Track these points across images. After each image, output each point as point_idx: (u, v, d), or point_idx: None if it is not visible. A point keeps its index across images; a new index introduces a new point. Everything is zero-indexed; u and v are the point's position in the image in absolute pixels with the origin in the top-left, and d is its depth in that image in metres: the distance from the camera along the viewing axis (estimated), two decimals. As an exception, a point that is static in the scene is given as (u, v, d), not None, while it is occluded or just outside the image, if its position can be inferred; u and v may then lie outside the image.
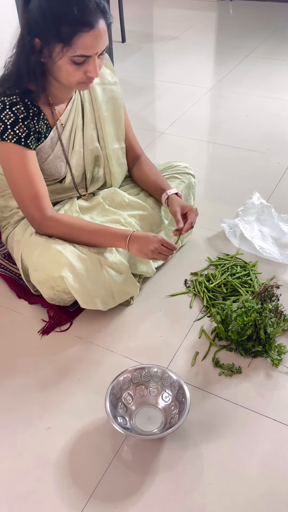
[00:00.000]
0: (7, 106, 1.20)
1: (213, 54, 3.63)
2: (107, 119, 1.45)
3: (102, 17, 1.13)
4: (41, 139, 1.31)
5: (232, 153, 2.33)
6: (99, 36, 1.14)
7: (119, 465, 1.07)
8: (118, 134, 1.51)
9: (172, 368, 1.26)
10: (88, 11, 1.10)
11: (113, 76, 1.47)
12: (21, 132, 1.22)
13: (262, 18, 4.39)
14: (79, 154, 1.43)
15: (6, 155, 1.24)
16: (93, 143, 1.45)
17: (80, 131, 1.41)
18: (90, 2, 1.10)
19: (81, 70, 1.18)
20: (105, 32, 1.15)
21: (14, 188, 1.28)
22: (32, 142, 1.25)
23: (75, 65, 1.17)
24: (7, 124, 1.20)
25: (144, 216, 1.51)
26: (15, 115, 1.21)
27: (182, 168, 1.66)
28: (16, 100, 1.21)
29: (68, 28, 1.10)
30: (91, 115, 1.43)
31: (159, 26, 4.37)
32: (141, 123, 2.59)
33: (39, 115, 1.27)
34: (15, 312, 1.45)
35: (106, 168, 1.52)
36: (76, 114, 1.39)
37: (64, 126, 1.37)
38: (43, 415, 1.17)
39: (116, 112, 1.48)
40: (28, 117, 1.23)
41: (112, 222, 1.43)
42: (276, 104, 2.79)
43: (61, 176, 1.43)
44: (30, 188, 1.26)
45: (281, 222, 1.72)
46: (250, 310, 1.29)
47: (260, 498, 1.01)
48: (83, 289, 1.30)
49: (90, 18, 1.11)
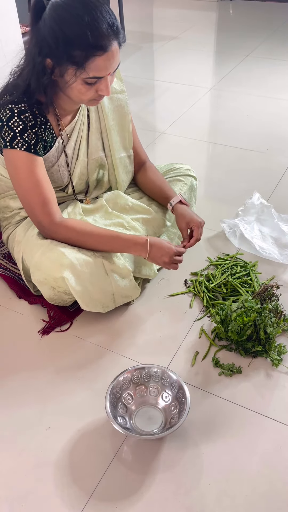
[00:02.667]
0: (15, 114, 1.19)
1: (213, 54, 3.63)
2: (114, 128, 1.45)
3: (115, 39, 1.12)
4: (46, 148, 1.31)
5: (232, 153, 2.33)
6: (112, 58, 1.13)
7: (119, 465, 1.07)
8: (125, 142, 1.50)
9: (172, 368, 1.26)
10: (101, 34, 1.09)
11: (120, 85, 1.46)
12: (30, 140, 1.22)
13: (262, 18, 4.39)
14: (83, 163, 1.42)
15: (15, 162, 1.23)
16: (98, 153, 1.44)
17: (85, 141, 1.40)
18: (103, 25, 1.09)
19: (93, 89, 1.18)
20: (117, 52, 1.14)
21: (23, 194, 1.27)
22: (40, 148, 1.25)
23: (87, 85, 1.16)
24: (16, 132, 1.20)
25: (148, 220, 1.51)
26: (23, 123, 1.20)
27: (184, 170, 1.66)
28: (24, 108, 1.20)
29: (81, 52, 1.09)
30: (97, 124, 1.42)
31: (159, 26, 4.37)
32: (141, 123, 2.59)
33: (46, 124, 1.27)
34: (15, 312, 1.45)
35: (111, 176, 1.52)
36: (82, 124, 1.38)
37: (69, 137, 1.36)
38: (43, 415, 1.17)
39: (123, 121, 1.47)
40: (36, 125, 1.23)
41: (116, 226, 1.43)
42: (276, 104, 2.79)
43: (63, 184, 1.43)
44: (39, 195, 1.25)
45: (281, 222, 1.72)
46: (250, 310, 1.29)
47: (260, 498, 1.01)
48: (84, 291, 1.30)
49: (104, 42, 1.09)
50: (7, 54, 2.26)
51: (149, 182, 1.56)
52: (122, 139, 1.49)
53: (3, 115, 1.20)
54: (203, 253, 1.67)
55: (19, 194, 1.28)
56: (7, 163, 1.25)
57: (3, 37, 2.29)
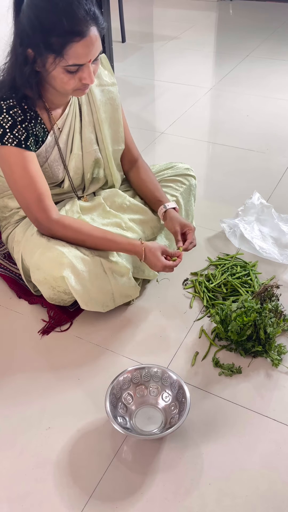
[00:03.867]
0: (4, 109, 1.19)
1: (213, 54, 3.63)
2: (105, 121, 1.44)
3: (93, 24, 1.11)
4: (38, 143, 1.30)
5: (232, 153, 2.33)
6: (91, 44, 1.12)
7: (119, 465, 1.07)
8: (118, 136, 1.50)
9: (172, 368, 1.26)
10: (78, 20, 1.08)
11: (110, 77, 1.45)
12: (20, 135, 1.21)
13: (262, 18, 4.39)
14: (78, 157, 1.42)
15: (7, 158, 1.23)
16: (92, 146, 1.44)
17: (78, 134, 1.40)
18: (79, 11, 1.08)
19: (76, 77, 1.17)
20: (97, 39, 1.13)
21: (17, 191, 1.27)
22: (31, 143, 1.25)
23: (69, 74, 1.15)
24: (6, 127, 1.19)
25: (145, 220, 1.51)
26: (12, 118, 1.20)
27: (183, 170, 1.65)
28: (13, 103, 1.20)
29: (58, 39, 1.09)
30: (89, 117, 1.42)
31: (159, 26, 4.37)
32: (141, 123, 2.59)
33: (36, 119, 1.27)
34: (15, 312, 1.45)
35: (106, 169, 1.51)
36: (74, 118, 1.38)
37: (61, 130, 1.36)
38: (43, 415, 1.17)
39: (115, 113, 1.47)
40: (25, 120, 1.23)
41: (113, 225, 1.43)
42: (276, 104, 2.79)
43: (58, 180, 1.42)
44: (34, 191, 1.25)
45: (281, 222, 1.72)
46: (249, 310, 1.29)
47: (260, 498, 1.01)
48: (84, 291, 1.30)
49: (81, 27, 1.09)
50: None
51: (141, 182, 1.55)
52: (114, 132, 1.48)
53: None
54: (203, 253, 1.67)
55: (14, 191, 1.28)
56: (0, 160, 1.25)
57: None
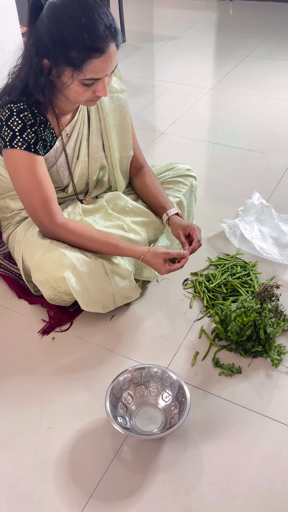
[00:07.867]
0: (14, 113, 1.19)
1: (213, 54, 3.63)
2: (113, 128, 1.44)
3: (112, 40, 1.11)
4: (46, 147, 1.30)
5: (232, 153, 2.33)
6: (109, 60, 1.12)
7: (119, 465, 1.07)
8: (125, 142, 1.49)
9: (172, 368, 1.26)
10: (99, 37, 1.08)
11: (120, 84, 1.45)
12: (29, 139, 1.21)
13: (262, 18, 4.39)
14: (84, 164, 1.42)
15: (15, 162, 1.23)
16: (98, 153, 1.44)
17: (86, 141, 1.40)
18: (100, 26, 1.08)
19: (90, 90, 1.17)
20: (115, 54, 1.14)
21: (24, 195, 1.27)
22: (40, 148, 1.25)
23: (84, 86, 1.16)
24: (16, 131, 1.19)
25: (147, 222, 1.51)
26: (23, 122, 1.20)
27: (184, 170, 1.65)
28: (23, 107, 1.20)
29: (78, 54, 1.09)
30: (97, 124, 1.41)
31: (159, 26, 4.37)
32: (141, 123, 2.59)
33: (46, 123, 1.27)
34: (15, 312, 1.45)
35: (111, 176, 1.51)
36: (82, 124, 1.38)
37: (69, 137, 1.36)
38: (43, 415, 1.17)
39: (123, 120, 1.47)
40: (35, 124, 1.22)
41: (116, 228, 1.43)
42: (276, 104, 2.79)
43: (63, 185, 1.42)
44: (40, 195, 1.25)
45: (281, 222, 1.72)
46: (249, 310, 1.29)
47: (260, 498, 1.01)
48: (85, 292, 1.30)
49: (101, 44, 1.09)
50: (7, 54, 2.26)
51: (146, 188, 1.54)
52: (122, 139, 1.49)
53: (2, 115, 1.19)
54: (203, 253, 1.67)
55: (20, 194, 1.28)
56: (8, 163, 1.25)
57: (3, 37, 2.29)
